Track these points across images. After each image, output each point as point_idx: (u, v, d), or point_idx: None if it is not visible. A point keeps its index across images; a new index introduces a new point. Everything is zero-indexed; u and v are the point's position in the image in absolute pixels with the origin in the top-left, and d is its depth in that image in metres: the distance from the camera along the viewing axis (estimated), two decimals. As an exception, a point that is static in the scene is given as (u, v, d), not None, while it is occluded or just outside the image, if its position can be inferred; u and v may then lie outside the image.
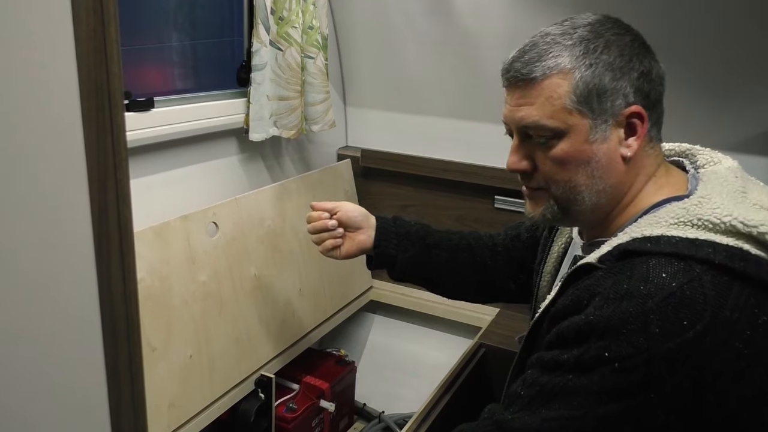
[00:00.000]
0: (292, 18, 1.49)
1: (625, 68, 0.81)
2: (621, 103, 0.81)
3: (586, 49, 0.81)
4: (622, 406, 0.72)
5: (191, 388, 1.27)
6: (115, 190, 0.50)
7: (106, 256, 0.50)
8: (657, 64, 0.85)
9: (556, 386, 0.77)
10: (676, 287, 0.70)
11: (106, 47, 0.48)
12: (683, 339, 0.69)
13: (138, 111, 1.28)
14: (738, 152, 1.50)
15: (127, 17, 1.38)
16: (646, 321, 0.70)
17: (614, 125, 0.82)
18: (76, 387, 0.50)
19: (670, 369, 0.70)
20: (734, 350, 0.70)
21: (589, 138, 0.82)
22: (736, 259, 0.72)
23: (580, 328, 0.75)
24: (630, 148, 0.83)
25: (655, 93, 0.84)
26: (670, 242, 0.74)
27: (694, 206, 0.77)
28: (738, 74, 1.43)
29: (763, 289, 0.72)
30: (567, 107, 0.81)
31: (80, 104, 0.46)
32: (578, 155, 0.83)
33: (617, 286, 0.74)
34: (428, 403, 1.35)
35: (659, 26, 1.45)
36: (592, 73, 0.80)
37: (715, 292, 0.70)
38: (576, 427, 0.75)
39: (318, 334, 1.70)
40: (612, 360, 0.72)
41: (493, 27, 1.64)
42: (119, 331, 0.52)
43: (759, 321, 0.71)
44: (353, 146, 2.02)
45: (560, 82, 0.81)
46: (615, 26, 0.85)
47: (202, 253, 1.34)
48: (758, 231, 0.73)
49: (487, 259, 1.22)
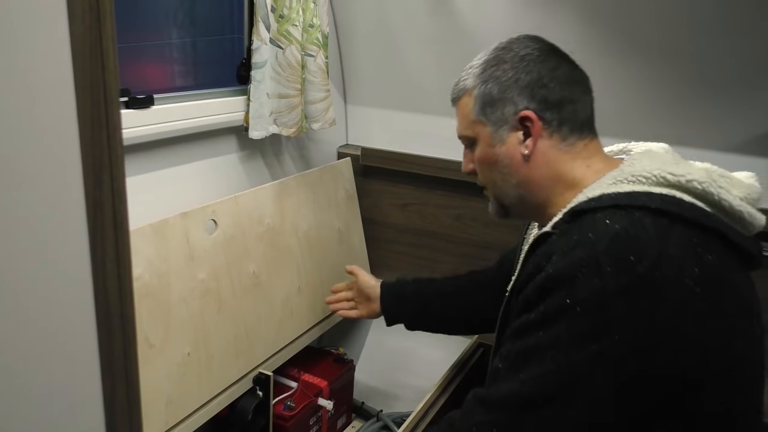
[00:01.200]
0: (293, 16, 1.49)
1: (511, 79, 0.95)
2: (511, 110, 0.95)
3: (482, 69, 0.99)
4: (591, 352, 0.76)
5: (189, 385, 1.27)
6: (110, 186, 0.50)
7: (101, 252, 0.50)
8: (558, 71, 0.95)
9: (528, 347, 0.81)
10: (620, 228, 0.78)
11: (101, 43, 0.47)
12: (634, 274, 0.75)
13: (137, 108, 1.28)
14: (742, 153, 1.49)
15: (127, 14, 1.38)
16: (597, 262, 0.76)
17: (510, 129, 0.96)
18: (69, 382, 0.50)
19: (628, 306, 0.75)
20: (686, 287, 0.75)
21: (491, 142, 0.98)
22: (671, 204, 0.80)
23: (541, 285, 0.81)
24: (527, 147, 0.95)
25: (554, 96, 0.94)
26: (610, 197, 0.83)
27: (627, 167, 0.87)
28: (743, 75, 1.43)
29: (703, 232, 0.80)
30: (473, 119, 1.00)
31: (75, 99, 0.46)
32: (488, 157, 1.00)
33: (569, 240, 0.81)
34: (426, 402, 1.35)
35: (663, 27, 1.45)
36: (485, 89, 0.97)
37: (656, 231, 0.77)
38: (553, 381, 0.78)
39: (316, 333, 1.70)
40: (573, 305, 0.77)
41: (494, 26, 1.64)
42: (114, 327, 0.52)
43: (705, 260, 0.77)
44: (353, 144, 2.02)
45: (467, 100, 1.01)
46: (518, 45, 0.98)
47: (201, 250, 1.34)
48: (686, 179, 0.82)
49: (479, 298, 1.35)
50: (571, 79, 0.97)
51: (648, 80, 1.52)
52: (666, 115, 1.53)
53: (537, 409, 0.79)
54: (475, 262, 1.86)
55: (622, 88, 1.55)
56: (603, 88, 1.59)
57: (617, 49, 1.52)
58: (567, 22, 1.54)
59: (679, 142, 1.51)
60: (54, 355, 0.49)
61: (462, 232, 1.87)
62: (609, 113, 1.57)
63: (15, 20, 0.42)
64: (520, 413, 0.80)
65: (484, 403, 0.85)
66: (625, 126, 1.56)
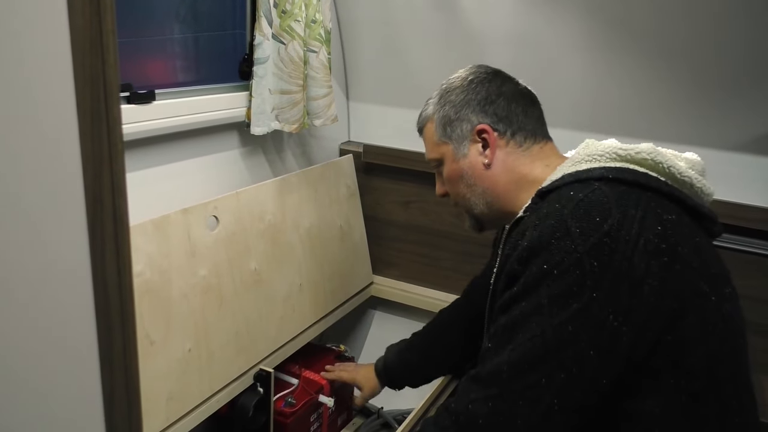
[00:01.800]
0: (295, 11, 1.49)
1: (463, 101, 1.08)
2: (467, 126, 1.07)
3: (439, 97, 1.12)
4: (572, 312, 0.80)
5: (190, 382, 1.27)
6: (110, 181, 0.49)
7: (101, 246, 0.49)
8: (503, 87, 1.08)
9: (514, 318, 0.86)
10: (582, 196, 0.85)
11: (102, 37, 0.47)
12: (601, 232, 0.81)
13: (139, 103, 1.28)
14: (746, 152, 1.49)
15: (129, 9, 1.37)
16: (566, 226, 0.82)
17: (470, 143, 1.08)
18: (69, 376, 0.50)
19: (600, 264, 0.80)
20: (651, 243, 0.81)
21: (455, 158, 1.09)
22: (626, 173, 0.88)
23: (520, 257, 0.87)
24: (487, 157, 1.06)
25: (501, 110, 1.06)
26: (570, 175, 0.92)
27: (581, 149, 0.98)
28: (748, 74, 1.42)
29: (660, 196, 0.87)
30: (437, 142, 1.12)
31: (75, 94, 0.46)
32: (454, 173, 1.10)
33: (539, 214, 0.88)
34: (427, 400, 1.35)
35: (667, 27, 1.44)
36: (442, 113, 1.10)
37: (615, 195, 0.84)
38: (539, 345, 0.82)
39: (318, 330, 1.70)
40: (551, 269, 0.82)
41: (497, 23, 1.63)
42: (113, 322, 0.51)
43: (665, 218, 0.84)
44: (355, 141, 2.02)
45: (430, 126, 1.14)
46: (468, 72, 1.11)
47: (202, 246, 1.33)
48: (635, 151, 0.90)
49: (462, 334, 1.40)
50: (517, 94, 1.09)
51: (651, 77, 1.52)
52: (667, 113, 1.53)
53: (527, 374, 0.82)
54: (476, 260, 1.86)
55: (625, 84, 1.54)
56: (605, 84, 1.60)
57: (620, 45, 1.51)
58: (570, 18, 1.54)
59: (680, 140, 1.52)
60: (53, 349, 0.48)
61: (463, 229, 1.85)
62: (611, 109, 1.57)
63: (15, 13, 0.42)
64: (511, 382, 0.83)
65: (477, 381, 0.88)
66: (625, 122, 1.56)
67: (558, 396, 0.81)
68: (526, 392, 0.83)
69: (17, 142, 0.43)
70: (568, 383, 0.81)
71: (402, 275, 2.01)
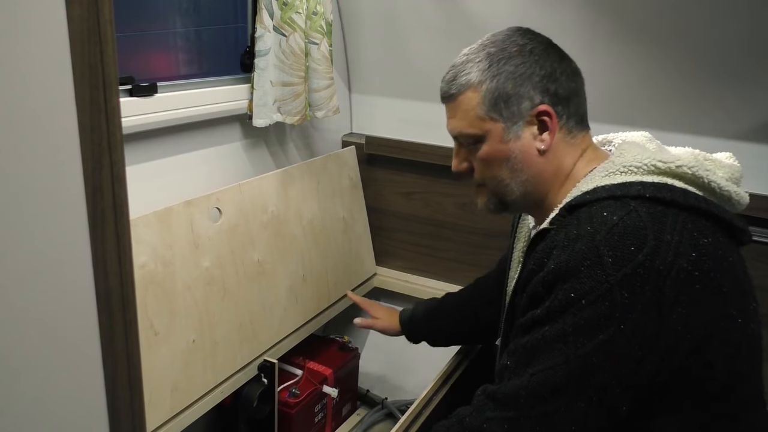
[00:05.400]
0: (296, 3, 1.48)
1: (525, 74, 0.93)
2: (527, 105, 0.93)
3: (490, 63, 0.95)
4: (597, 342, 0.77)
5: (194, 373, 1.28)
6: (110, 171, 0.50)
7: (101, 236, 0.50)
8: (563, 64, 0.95)
9: (536, 342, 0.83)
10: (617, 219, 0.79)
11: (99, 28, 0.47)
12: (635, 263, 0.76)
13: (141, 96, 1.28)
14: (746, 141, 1.48)
15: (131, 2, 1.37)
16: (598, 254, 0.78)
17: (525, 124, 0.94)
18: (71, 365, 0.50)
19: (631, 295, 0.76)
20: (684, 271, 0.77)
21: (503, 139, 0.95)
22: (663, 191, 0.82)
23: (545, 279, 0.82)
24: (544, 142, 0.94)
25: (564, 90, 0.94)
26: (604, 189, 0.85)
27: (617, 158, 0.89)
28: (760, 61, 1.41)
29: (697, 215, 0.82)
30: (480, 116, 0.95)
31: (73, 84, 0.46)
32: (498, 154, 0.96)
33: (568, 234, 0.83)
34: (430, 390, 1.36)
35: (664, 15, 1.44)
36: (496, 84, 0.94)
37: (651, 219, 0.79)
38: (561, 373, 0.79)
39: (321, 320, 1.71)
40: (578, 298, 0.78)
41: (499, 13, 1.63)
42: (115, 311, 0.52)
43: (700, 243, 0.79)
44: (358, 133, 2.02)
45: (472, 96, 0.96)
46: (520, 37, 0.96)
47: (206, 238, 1.34)
48: (675, 165, 0.84)
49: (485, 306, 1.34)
50: (575, 72, 0.97)
51: (656, 65, 1.51)
52: (683, 104, 1.52)
53: (546, 402, 0.80)
54: (479, 250, 1.87)
55: (630, 73, 1.54)
56: (610, 73, 1.59)
57: (625, 34, 1.51)
58: (570, 8, 1.53)
59: (682, 129, 1.51)
60: (55, 339, 0.49)
61: (466, 220, 1.87)
62: (610, 98, 1.57)
63: (12, 4, 0.42)
64: (530, 407, 0.81)
65: (494, 399, 0.86)
66: (630, 110, 1.55)
67: (576, 423, 0.80)
68: (544, 419, 0.81)
69: (17, 132, 0.44)
70: (587, 411, 0.80)
71: (405, 266, 2.01)
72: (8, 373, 0.46)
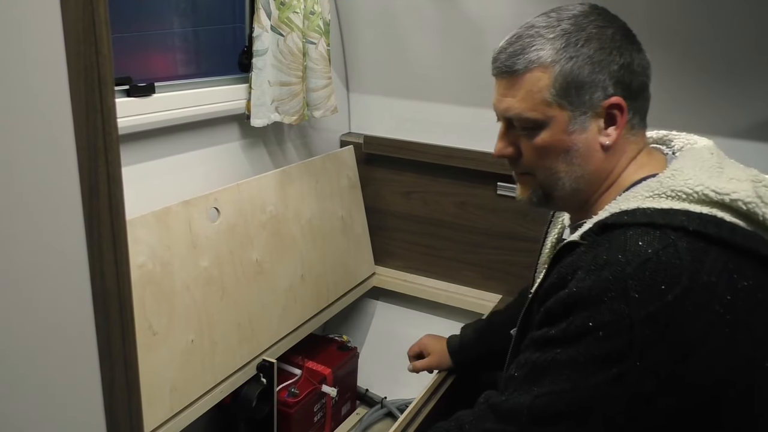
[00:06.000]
0: (294, 3, 1.48)
1: (604, 61, 0.84)
2: (600, 96, 0.84)
3: (566, 43, 0.84)
4: (610, 375, 0.73)
5: (193, 373, 1.28)
6: (105, 171, 0.50)
7: (97, 236, 0.50)
8: (640, 55, 0.87)
9: (545, 362, 0.79)
10: (652, 253, 0.72)
11: (95, 28, 0.47)
12: (662, 303, 0.71)
13: (139, 96, 1.28)
14: (746, 139, 1.48)
15: (128, 2, 1.37)
16: (625, 287, 0.72)
17: (593, 116, 0.85)
18: (68, 366, 0.50)
19: (653, 334, 0.71)
20: (715, 314, 0.71)
21: (568, 129, 0.86)
22: (710, 225, 0.74)
23: (564, 301, 0.77)
24: (609, 137, 0.86)
25: (637, 83, 0.86)
26: (645, 213, 0.77)
27: (667, 179, 0.80)
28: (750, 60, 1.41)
29: (741, 255, 0.74)
30: (547, 100, 0.85)
31: (69, 84, 0.46)
32: (558, 145, 0.87)
33: (597, 257, 0.76)
34: (429, 389, 1.36)
35: (670, 13, 1.44)
36: (571, 67, 0.84)
37: (691, 257, 0.72)
38: (566, 400, 0.76)
39: (320, 320, 1.71)
40: (596, 328, 0.73)
41: (497, 13, 1.63)
42: (111, 311, 0.52)
43: (739, 286, 0.73)
44: (356, 132, 2.02)
45: (541, 76, 0.85)
46: (599, 18, 0.87)
47: (204, 238, 1.34)
48: (730, 198, 0.75)
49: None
50: (648, 65, 0.89)
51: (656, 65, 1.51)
52: (686, 102, 1.52)
53: (549, 424, 0.78)
54: (478, 250, 1.87)
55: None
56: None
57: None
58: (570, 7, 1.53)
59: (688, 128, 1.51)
60: (51, 339, 0.49)
61: (465, 219, 1.87)
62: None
63: (7, 4, 0.42)
64: (531, 426, 0.79)
65: (496, 411, 0.84)
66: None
67: None
68: None
69: (12, 133, 0.44)
70: None
71: (404, 266, 2.01)
72: (5, 375, 0.46)
